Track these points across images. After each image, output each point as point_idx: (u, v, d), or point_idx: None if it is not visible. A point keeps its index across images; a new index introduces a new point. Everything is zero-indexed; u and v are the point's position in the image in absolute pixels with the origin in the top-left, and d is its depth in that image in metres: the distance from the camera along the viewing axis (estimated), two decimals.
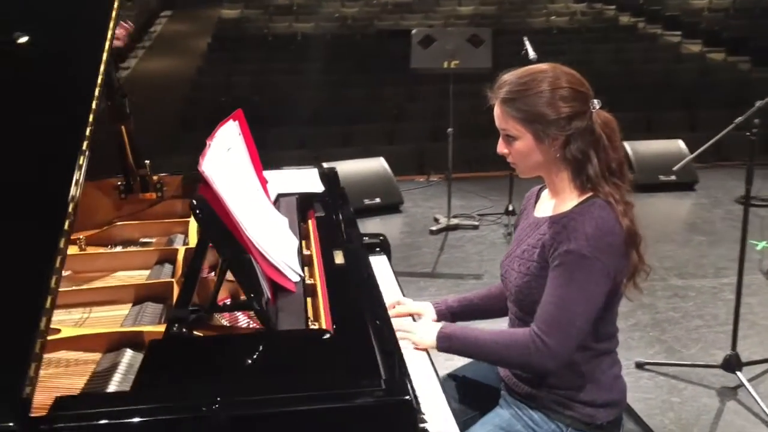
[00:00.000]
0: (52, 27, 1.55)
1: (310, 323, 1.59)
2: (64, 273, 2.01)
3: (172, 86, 11.15)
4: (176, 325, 1.43)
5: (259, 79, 10.32)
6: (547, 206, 1.87)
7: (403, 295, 2.23)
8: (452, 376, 2.12)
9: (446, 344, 1.82)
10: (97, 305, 1.81)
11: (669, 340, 3.92)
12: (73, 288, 1.86)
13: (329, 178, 2.65)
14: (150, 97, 10.95)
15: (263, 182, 2.12)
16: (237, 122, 2.03)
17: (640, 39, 13.36)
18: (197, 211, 1.37)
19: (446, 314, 2.13)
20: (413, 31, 5.31)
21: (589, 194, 1.75)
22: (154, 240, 2.31)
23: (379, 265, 2.51)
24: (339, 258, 1.90)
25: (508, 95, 1.75)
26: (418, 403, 1.27)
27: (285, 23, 14.32)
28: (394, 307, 2.10)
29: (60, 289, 1.85)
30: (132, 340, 1.52)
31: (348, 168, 6.23)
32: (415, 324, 1.97)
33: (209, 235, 1.43)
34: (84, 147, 1.42)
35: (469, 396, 2.05)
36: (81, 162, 1.39)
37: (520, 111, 1.73)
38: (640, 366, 3.59)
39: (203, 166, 1.57)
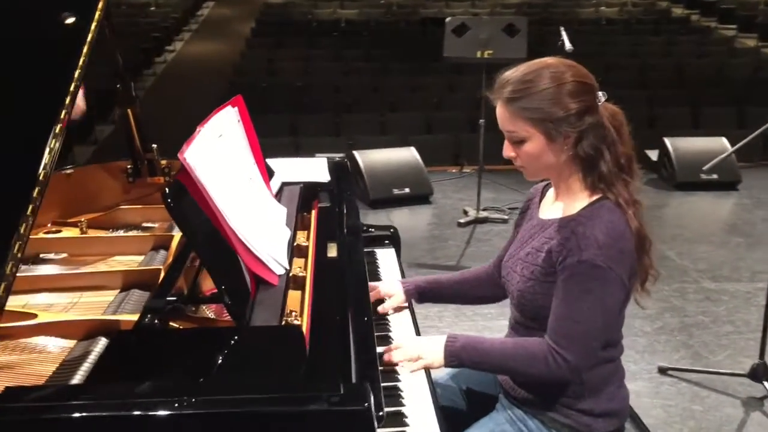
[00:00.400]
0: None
1: (293, 318, 1.55)
2: (60, 255, 2.02)
3: (215, 70, 11.23)
4: (148, 315, 1.40)
5: (300, 65, 10.33)
6: (553, 208, 1.78)
7: None
8: (447, 378, 2.06)
9: (456, 360, 1.70)
10: (87, 290, 1.79)
11: (696, 345, 3.77)
12: (62, 272, 1.85)
13: (339, 168, 2.59)
14: (193, 79, 11.08)
15: (263, 171, 2.08)
16: (236, 108, 1.99)
17: (693, 32, 12.99)
18: (168, 200, 1.33)
19: (414, 294, 2.07)
20: (447, 19, 5.21)
21: (598, 195, 1.66)
22: (156, 225, 2.30)
23: (386, 257, 2.47)
24: (332, 251, 1.85)
25: (512, 94, 1.64)
26: (381, 411, 1.21)
27: (329, 9, 14.31)
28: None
29: (51, 273, 1.88)
30: (108, 329, 1.50)
31: (379, 157, 6.20)
32: (417, 344, 1.75)
33: (179, 225, 1.39)
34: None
35: (464, 399, 1.99)
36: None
37: (528, 110, 1.63)
38: (662, 371, 3.47)
39: (186, 153, 1.53)
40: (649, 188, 6.67)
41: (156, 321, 1.39)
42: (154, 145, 2.43)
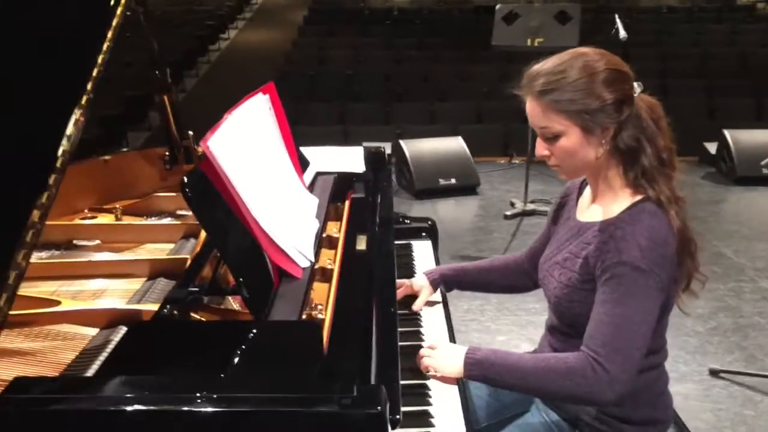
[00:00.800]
0: None
1: (318, 312, 1.50)
2: (93, 242, 2.02)
3: (267, 58, 11.28)
4: (167, 307, 1.37)
5: (351, 53, 10.30)
6: (591, 210, 1.69)
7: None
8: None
9: (477, 372, 1.56)
10: (116, 277, 1.78)
11: (751, 347, 3.61)
12: (91, 260, 1.84)
13: (376, 158, 2.54)
14: (246, 68, 11.15)
15: (295, 160, 2.04)
16: (267, 96, 1.95)
17: (759, 20, 12.47)
18: (186, 189, 1.29)
19: (439, 282, 2.02)
20: (497, 6, 5.10)
21: (640, 197, 1.57)
22: (189, 213, 2.28)
23: (423, 250, 2.41)
24: (362, 244, 1.80)
25: (545, 86, 1.55)
26: (397, 413, 1.16)
27: None
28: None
29: (79, 260, 1.87)
30: (131, 318, 1.48)
31: (425, 147, 6.12)
32: (433, 350, 1.64)
33: (196, 215, 1.35)
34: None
35: (496, 400, 1.91)
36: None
37: (563, 102, 1.54)
38: (714, 373, 3.33)
39: (209, 141, 1.49)
40: (707, 182, 6.44)
41: (175, 312, 1.36)
42: (191, 132, 2.42)
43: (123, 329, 1.44)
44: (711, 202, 5.89)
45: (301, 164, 2.20)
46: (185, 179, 1.31)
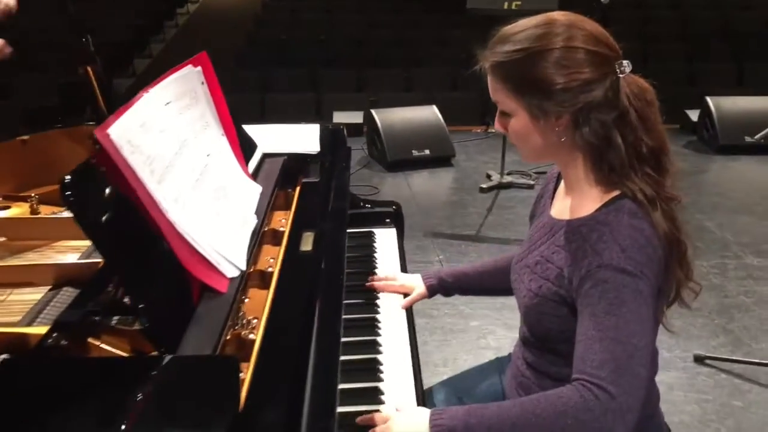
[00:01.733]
0: None
1: (249, 331, 1.26)
2: None
3: (236, 21, 10.86)
4: (54, 334, 1.11)
5: (323, 17, 9.91)
6: (563, 205, 1.44)
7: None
8: (445, 387, 1.76)
9: None
10: (16, 286, 1.51)
11: (737, 330, 3.42)
12: None
13: (335, 136, 2.27)
14: (215, 32, 10.73)
15: (234, 143, 1.77)
16: (199, 68, 1.68)
17: None
18: (66, 192, 1.03)
19: (436, 289, 1.82)
20: None
21: (616, 192, 1.31)
22: None
23: (386, 239, 2.16)
24: (308, 243, 1.55)
25: (501, 57, 1.31)
26: None
27: None
28: (381, 280, 1.84)
29: None
30: (13, 346, 1.21)
31: (398, 116, 5.87)
32: (387, 423, 1.28)
33: (80, 225, 1.09)
34: None
35: None
36: None
37: (511, 79, 1.31)
38: (699, 360, 3.13)
39: (110, 129, 1.23)
40: (689, 151, 6.24)
41: (62, 342, 1.10)
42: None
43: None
44: (693, 173, 5.69)
45: (247, 147, 1.94)
46: (66, 179, 1.04)
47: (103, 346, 1.19)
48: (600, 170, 1.32)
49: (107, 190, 1.14)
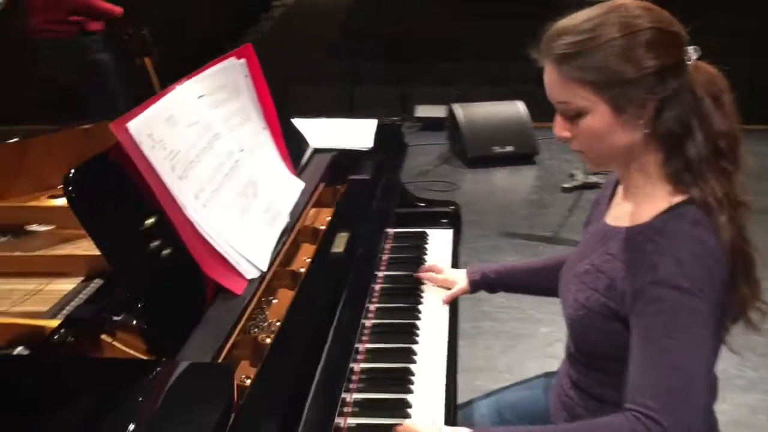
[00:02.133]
0: None
1: (267, 335, 1.21)
2: (46, 227, 1.77)
3: (330, 13, 10.93)
4: (63, 329, 1.09)
5: (415, 11, 9.82)
6: (621, 210, 1.33)
7: None
8: (487, 401, 1.68)
9: None
10: (55, 276, 1.52)
11: None
12: (28, 254, 1.58)
13: (391, 133, 2.19)
14: (307, 23, 10.85)
15: (278, 137, 1.73)
16: (243, 61, 1.64)
17: None
18: (69, 188, 1.00)
19: (480, 284, 1.75)
20: None
21: (680, 198, 1.20)
22: None
23: (440, 240, 2.08)
24: (340, 244, 1.49)
25: (567, 50, 1.20)
26: None
27: None
28: (427, 270, 1.81)
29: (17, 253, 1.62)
30: (33, 336, 1.21)
31: (481, 111, 5.73)
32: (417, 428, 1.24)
33: (82, 223, 1.06)
34: None
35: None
36: None
37: (589, 71, 1.19)
38: None
39: (131, 123, 1.21)
40: None
41: (70, 338, 1.08)
42: None
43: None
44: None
45: (296, 142, 1.90)
46: (70, 174, 1.02)
47: (116, 344, 1.17)
48: (674, 167, 1.21)
49: (116, 186, 1.11)
